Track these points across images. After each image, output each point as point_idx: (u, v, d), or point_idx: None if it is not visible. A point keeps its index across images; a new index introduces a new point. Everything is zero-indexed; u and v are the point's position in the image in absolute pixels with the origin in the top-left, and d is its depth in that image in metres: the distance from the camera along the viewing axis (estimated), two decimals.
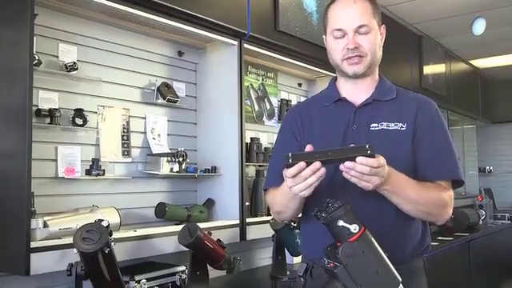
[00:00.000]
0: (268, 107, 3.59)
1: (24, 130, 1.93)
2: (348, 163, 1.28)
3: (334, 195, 1.31)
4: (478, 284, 5.32)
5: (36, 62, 2.15)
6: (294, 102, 3.77)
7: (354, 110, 1.61)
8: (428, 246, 1.63)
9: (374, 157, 1.27)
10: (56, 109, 2.29)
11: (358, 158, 1.27)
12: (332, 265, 1.23)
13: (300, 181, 1.30)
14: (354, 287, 1.18)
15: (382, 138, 1.55)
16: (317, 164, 1.27)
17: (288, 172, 1.31)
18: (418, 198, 1.47)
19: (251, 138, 3.30)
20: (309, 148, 1.34)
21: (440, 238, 4.94)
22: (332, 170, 1.52)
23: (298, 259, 3.09)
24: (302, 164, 1.28)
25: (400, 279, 1.23)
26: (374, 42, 1.59)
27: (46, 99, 2.30)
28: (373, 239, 1.23)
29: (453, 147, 1.60)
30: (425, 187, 1.49)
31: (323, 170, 1.29)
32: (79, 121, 2.38)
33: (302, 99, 3.71)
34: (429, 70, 5.52)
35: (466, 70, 6.82)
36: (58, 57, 2.37)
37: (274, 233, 2.91)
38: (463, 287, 5.08)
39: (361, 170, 1.28)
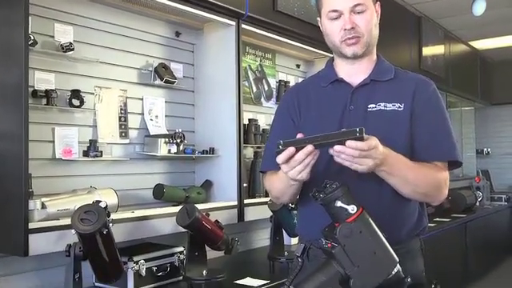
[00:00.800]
0: (266, 88, 3.58)
1: (20, 111, 1.92)
2: (337, 147, 1.28)
3: (331, 177, 1.31)
4: (474, 265, 5.38)
5: (31, 42, 2.13)
6: (292, 83, 3.76)
7: (351, 91, 1.60)
8: (425, 227, 1.63)
9: (363, 140, 1.26)
10: (52, 90, 2.27)
11: (348, 142, 1.27)
12: (330, 245, 1.23)
13: (295, 164, 1.30)
14: (352, 267, 1.19)
15: (380, 118, 1.55)
16: (309, 147, 1.27)
17: (279, 158, 1.31)
18: (415, 179, 1.47)
19: (249, 120, 3.30)
20: (300, 135, 1.33)
21: (437, 219, 4.97)
22: (326, 159, 1.53)
23: (295, 240, 3.11)
24: (292, 149, 1.28)
25: (397, 259, 1.23)
26: (370, 20, 1.58)
27: (42, 80, 2.28)
28: (370, 220, 1.24)
29: (450, 128, 1.59)
30: (422, 168, 1.49)
31: (317, 151, 1.29)
32: (76, 102, 2.37)
33: (301, 80, 3.70)
34: (428, 51, 5.50)
35: (466, 51, 6.79)
36: (53, 37, 2.35)
37: (271, 214, 2.92)
38: (459, 268, 5.13)
39: (350, 153, 1.28)
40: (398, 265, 1.24)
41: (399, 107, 1.56)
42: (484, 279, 5.58)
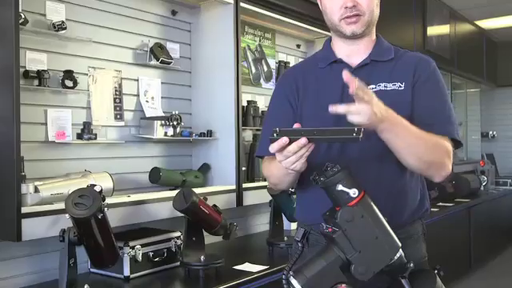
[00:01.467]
0: (265, 69, 3.56)
1: (11, 92, 1.91)
2: (334, 108, 1.28)
3: (331, 159, 1.31)
4: (478, 250, 5.41)
5: (22, 20, 2.11)
6: (292, 64, 3.74)
7: (351, 72, 1.59)
8: (427, 209, 1.63)
9: (358, 140, 1.23)
10: (44, 70, 2.26)
11: (344, 74, 1.27)
12: (330, 230, 1.24)
13: (289, 155, 1.29)
14: (353, 252, 1.19)
15: (381, 99, 1.53)
16: (302, 140, 1.25)
17: (272, 147, 1.30)
18: (419, 142, 1.42)
19: (248, 101, 3.29)
20: (297, 125, 1.32)
21: (440, 203, 4.98)
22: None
23: (295, 225, 3.11)
24: (285, 139, 1.26)
25: (400, 244, 1.23)
26: None
27: (33, 60, 2.27)
28: (372, 204, 1.23)
29: (450, 106, 1.58)
30: (425, 133, 1.47)
31: (311, 143, 1.27)
32: (69, 83, 2.35)
33: (300, 61, 3.68)
34: (433, 31, 5.46)
35: (471, 31, 6.75)
36: (45, 15, 2.32)
37: (271, 198, 2.93)
38: (463, 254, 5.16)
39: (342, 109, 1.29)
40: (400, 250, 1.24)
41: (400, 87, 1.55)
42: (488, 265, 5.62)
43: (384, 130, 1.36)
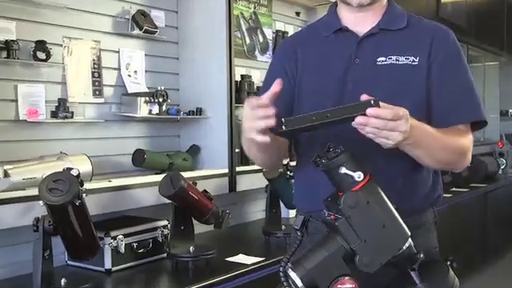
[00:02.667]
0: (261, 40, 3.54)
1: None
2: (359, 119, 1.24)
3: (333, 139, 1.30)
4: (494, 239, 5.46)
5: None
6: (291, 34, 3.72)
7: (357, 42, 1.58)
8: (439, 195, 1.63)
9: None
10: (13, 41, 2.24)
11: (369, 110, 1.24)
12: (333, 217, 1.24)
13: (255, 116, 1.30)
14: (358, 242, 1.20)
15: (391, 74, 1.52)
16: (263, 99, 1.27)
17: (251, 103, 1.32)
18: (439, 149, 1.45)
19: (242, 76, 3.28)
20: (277, 85, 1.31)
21: (454, 189, 5.01)
22: None
23: (294, 212, 3.12)
24: (264, 100, 1.29)
25: (409, 233, 1.24)
26: None
27: (1, 29, 2.24)
28: (379, 188, 1.24)
29: (473, 83, 1.58)
30: (446, 135, 1.48)
31: (272, 109, 1.29)
32: (41, 55, 2.33)
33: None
34: None
35: None
36: None
37: (267, 183, 2.94)
38: (478, 244, 5.20)
39: (375, 124, 1.25)
40: (409, 239, 1.24)
41: (413, 61, 1.53)
42: (506, 257, 5.67)
43: (406, 145, 1.37)
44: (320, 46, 1.63)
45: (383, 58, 1.54)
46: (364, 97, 1.26)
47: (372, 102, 1.22)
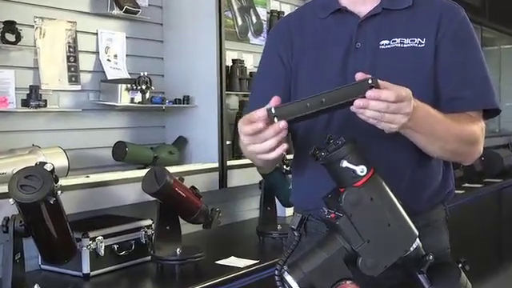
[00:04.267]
0: (254, 21, 3.54)
1: None
2: (359, 102, 1.24)
3: (334, 130, 1.30)
4: (510, 239, 5.48)
5: None
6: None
7: (357, 24, 1.58)
8: (451, 191, 1.64)
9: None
10: None
11: (369, 93, 1.24)
12: (333, 216, 1.24)
13: (258, 141, 1.26)
14: (360, 242, 1.20)
15: (395, 58, 1.52)
16: (282, 124, 1.22)
17: (244, 129, 1.26)
18: (445, 135, 1.45)
19: (233, 61, 3.28)
20: (274, 101, 1.27)
21: (467, 184, 5.02)
22: None
23: (291, 211, 3.13)
24: (261, 125, 1.22)
25: (416, 233, 1.24)
26: None
27: None
28: (384, 184, 1.24)
29: (486, 67, 1.58)
30: (454, 121, 1.48)
31: (285, 131, 1.25)
32: (11, 37, 2.32)
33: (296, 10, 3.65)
34: None
35: None
36: None
37: (261, 178, 2.94)
38: (492, 244, 5.23)
39: (376, 107, 1.25)
40: (417, 239, 1.25)
41: (420, 43, 1.54)
42: None
43: (407, 129, 1.37)
44: (317, 29, 1.63)
45: (386, 41, 1.54)
46: (359, 75, 1.26)
47: (370, 82, 1.21)
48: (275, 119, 1.22)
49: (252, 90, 1.77)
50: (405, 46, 1.54)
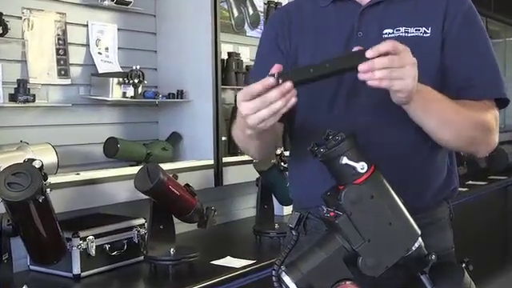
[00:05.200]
0: (251, 12, 3.53)
1: None
2: (363, 66, 1.23)
3: (334, 125, 1.30)
4: None
5: None
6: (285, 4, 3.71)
7: (359, 12, 1.58)
8: (455, 188, 1.64)
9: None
10: None
11: (368, 52, 1.23)
12: (332, 214, 1.24)
13: (263, 106, 1.26)
14: (360, 242, 1.20)
15: None
16: (287, 85, 1.23)
17: (247, 91, 1.25)
18: (458, 119, 1.44)
19: (229, 54, 3.28)
20: (276, 67, 1.28)
21: (470, 182, 5.03)
22: (330, 93, 1.53)
23: (288, 209, 3.14)
24: (271, 80, 1.23)
25: (419, 232, 1.24)
26: None
27: None
28: (385, 181, 1.23)
29: (492, 55, 1.58)
30: (465, 106, 1.48)
31: (294, 91, 1.25)
32: None
33: None
34: None
35: None
36: None
37: (258, 176, 2.94)
38: (497, 243, 5.24)
39: (382, 63, 1.24)
40: (419, 239, 1.25)
41: (425, 32, 1.53)
42: None
43: (416, 109, 1.38)
44: (317, 18, 1.63)
45: (390, 30, 1.54)
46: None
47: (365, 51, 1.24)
48: (279, 81, 1.23)
49: (248, 81, 1.77)
50: (409, 34, 1.54)
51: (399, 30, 1.54)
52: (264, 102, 1.25)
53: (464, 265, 1.33)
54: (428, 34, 1.54)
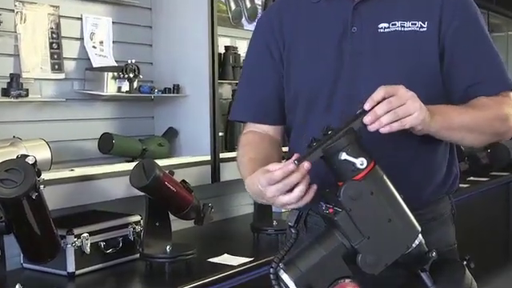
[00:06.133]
0: (248, 5, 3.53)
1: None
2: (366, 118, 1.24)
3: (333, 121, 1.30)
4: None
5: None
6: None
7: (352, 6, 1.57)
8: (455, 177, 1.63)
9: (365, 113, 1.25)
10: None
11: (366, 105, 1.25)
12: (331, 211, 1.24)
13: (285, 189, 1.25)
14: (360, 239, 1.20)
15: (395, 43, 1.51)
16: (306, 164, 1.22)
17: (271, 177, 1.24)
18: (476, 122, 1.46)
19: (226, 48, 3.28)
20: (295, 156, 1.26)
21: (471, 178, 5.03)
22: (328, 92, 1.53)
23: None
24: (291, 167, 1.22)
25: (419, 228, 1.24)
26: None
27: None
28: (385, 177, 1.24)
29: (494, 49, 1.58)
30: (476, 107, 1.48)
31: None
32: None
33: None
34: None
35: None
36: None
37: None
38: (499, 241, 5.25)
39: (382, 108, 1.24)
40: (420, 235, 1.25)
41: (421, 27, 1.53)
42: None
43: (439, 129, 1.38)
44: (310, 14, 1.62)
45: (386, 25, 1.54)
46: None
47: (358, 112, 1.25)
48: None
49: (240, 83, 1.76)
50: (405, 29, 1.53)
51: (395, 25, 1.53)
52: (287, 185, 1.24)
53: (465, 262, 1.33)
54: (424, 29, 1.53)
